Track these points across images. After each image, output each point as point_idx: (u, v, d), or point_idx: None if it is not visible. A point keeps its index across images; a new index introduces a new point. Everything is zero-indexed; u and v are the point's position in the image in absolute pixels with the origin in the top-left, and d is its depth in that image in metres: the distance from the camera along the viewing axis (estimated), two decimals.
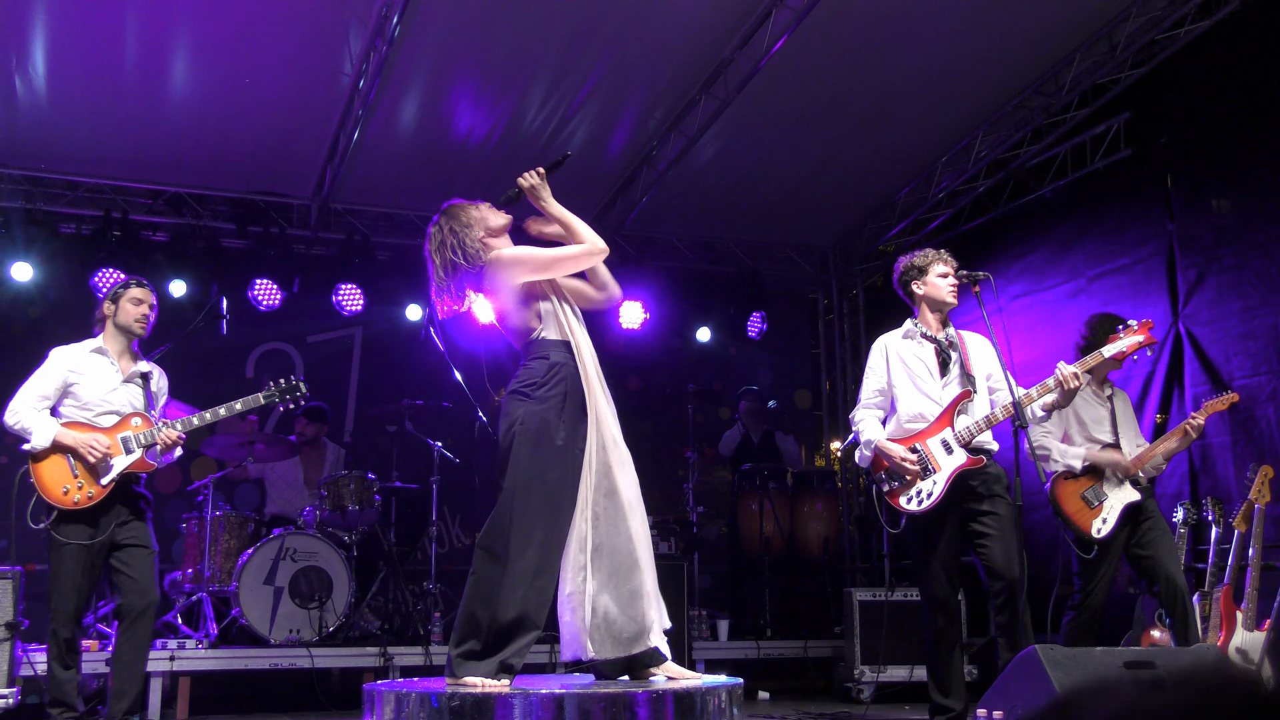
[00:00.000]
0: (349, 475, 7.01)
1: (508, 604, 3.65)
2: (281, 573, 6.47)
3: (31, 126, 7.14)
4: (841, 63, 6.97)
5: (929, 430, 4.64)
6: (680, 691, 3.52)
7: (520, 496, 3.73)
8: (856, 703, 6.89)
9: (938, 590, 4.64)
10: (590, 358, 3.94)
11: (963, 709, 4.64)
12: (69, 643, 4.74)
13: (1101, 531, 5.13)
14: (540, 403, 3.81)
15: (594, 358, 3.96)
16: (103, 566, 4.81)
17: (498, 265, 3.93)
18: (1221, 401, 5.44)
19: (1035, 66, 7.27)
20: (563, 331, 3.95)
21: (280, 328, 8.61)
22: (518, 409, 3.83)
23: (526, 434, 3.77)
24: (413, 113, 7.26)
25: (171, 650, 6.15)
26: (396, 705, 3.52)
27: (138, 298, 4.96)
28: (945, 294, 4.74)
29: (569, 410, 3.83)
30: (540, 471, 3.75)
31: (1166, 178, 7.01)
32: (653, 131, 7.70)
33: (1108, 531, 5.14)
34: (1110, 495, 5.19)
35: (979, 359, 4.76)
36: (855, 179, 8.53)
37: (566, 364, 3.89)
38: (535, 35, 6.59)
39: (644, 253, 9.09)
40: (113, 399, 4.84)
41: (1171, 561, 5.16)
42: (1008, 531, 4.48)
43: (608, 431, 3.88)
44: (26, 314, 7.68)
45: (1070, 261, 7.67)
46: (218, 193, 8.15)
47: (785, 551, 8.30)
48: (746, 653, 7.49)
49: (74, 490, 4.67)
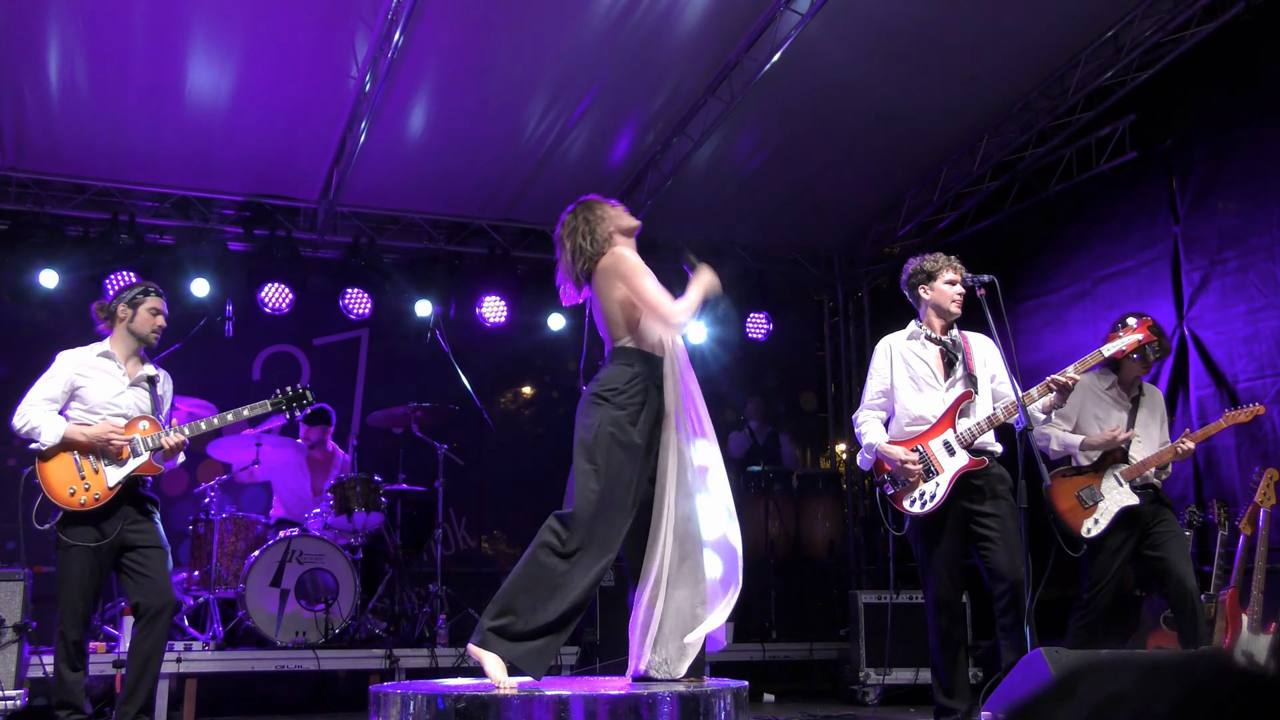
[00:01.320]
0: (355, 478, 7.03)
1: (559, 601, 3.69)
2: (288, 575, 6.49)
3: (40, 129, 7.17)
4: (847, 65, 6.98)
5: (931, 432, 4.65)
6: (685, 694, 3.53)
7: (597, 500, 3.76)
8: (862, 705, 6.89)
9: (942, 592, 4.65)
10: (675, 378, 3.99)
11: (967, 710, 4.64)
12: (77, 645, 4.75)
13: (1092, 532, 5.13)
14: (619, 409, 3.85)
15: (679, 381, 4.00)
16: (110, 568, 4.82)
17: (614, 261, 4.05)
18: (1245, 413, 5.29)
19: (1040, 69, 7.28)
20: (650, 345, 4.00)
21: (287, 331, 8.64)
22: (596, 412, 3.86)
23: (603, 438, 3.81)
24: (419, 116, 7.28)
25: (178, 652, 6.17)
26: (402, 707, 3.54)
27: (156, 308, 4.96)
28: (950, 303, 4.75)
29: (645, 419, 3.87)
30: (614, 478, 3.79)
31: (1172, 180, 7.01)
32: (658, 134, 7.72)
33: (1098, 533, 5.13)
34: (1107, 497, 5.17)
35: (982, 360, 4.77)
36: (861, 181, 8.54)
37: (647, 375, 3.93)
38: (540, 38, 6.61)
39: (649, 255, 9.04)
40: (119, 402, 4.85)
41: (1183, 564, 5.13)
42: (1011, 533, 4.48)
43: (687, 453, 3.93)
44: (35, 317, 7.71)
45: (1075, 264, 7.68)
46: (224, 195, 8.17)
47: (790, 553, 8.31)
48: (752, 655, 7.50)
49: (80, 492, 4.68)
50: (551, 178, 8.04)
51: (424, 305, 8.42)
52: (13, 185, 7.69)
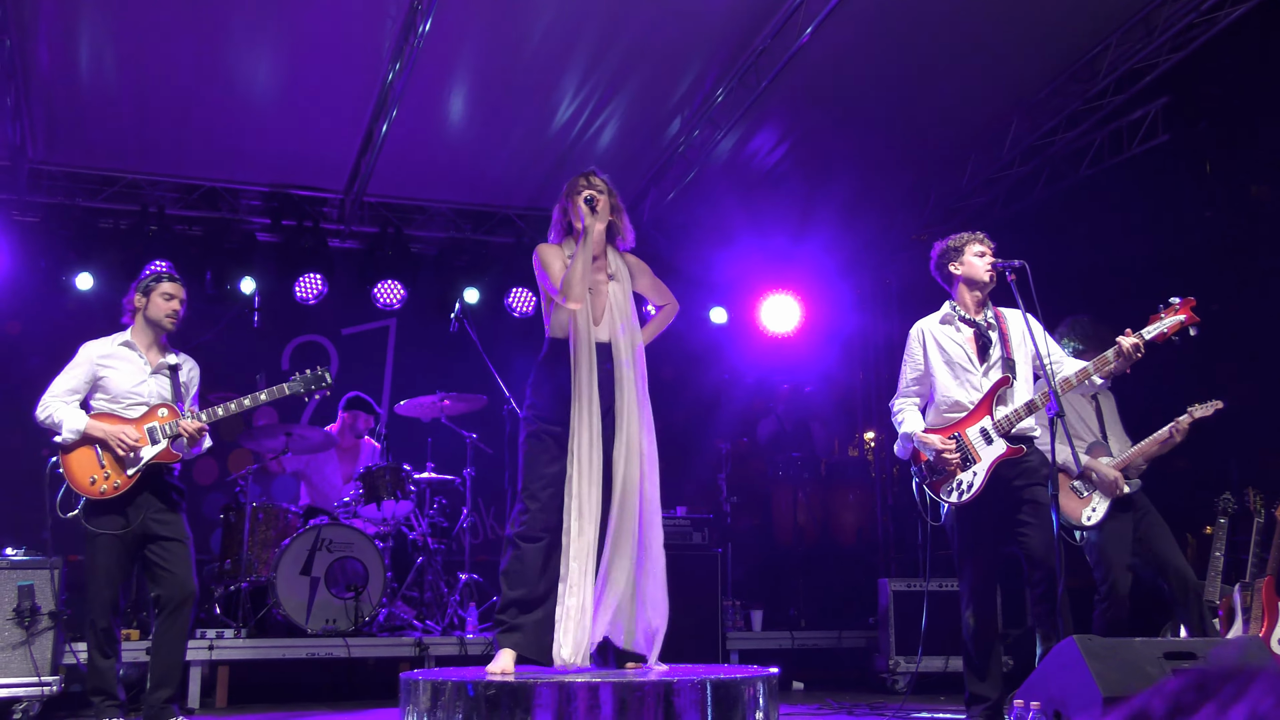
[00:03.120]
0: (384, 467, 7.06)
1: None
2: (318, 563, 6.52)
3: (70, 122, 7.22)
4: (873, 50, 6.92)
5: (968, 419, 4.61)
6: (717, 681, 3.52)
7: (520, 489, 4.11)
8: (891, 693, 6.87)
9: (977, 580, 4.61)
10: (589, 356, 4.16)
11: (999, 698, 4.61)
12: (106, 632, 4.80)
13: (1091, 519, 5.20)
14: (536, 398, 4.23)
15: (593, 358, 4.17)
16: (136, 557, 4.86)
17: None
18: (1207, 407, 5.42)
19: (1071, 51, 7.19)
20: (564, 330, 4.20)
21: (315, 321, 8.68)
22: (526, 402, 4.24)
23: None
24: (444, 105, 7.27)
25: (210, 640, 6.23)
26: (433, 694, 3.55)
27: (169, 292, 4.98)
28: (982, 272, 4.69)
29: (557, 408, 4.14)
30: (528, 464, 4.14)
31: (1205, 164, 6.92)
32: (684, 122, 7.68)
33: (1098, 520, 5.21)
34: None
35: (1019, 340, 4.70)
36: (887, 167, 8.48)
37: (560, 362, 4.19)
38: (567, 26, 6.58)
39: (676, 243, 9.07)
40: (141, 391, 4.89)
41: (1173, 553, 5.26)
42: (1047, 521, 4.44)
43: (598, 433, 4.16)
44: (66, 308, 7.77)
45: (1106, 249, 7.59)
46: (251, 186, 8.21)
47: (819, 542, 8.28)
48: (780, 643, 7.49)
49: (101, 480, 4.73)
50: (578, 165, 8.01)
51: (452, 295, 8.42)
52: (44, 178, 7.75)
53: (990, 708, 4.60)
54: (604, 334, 4.24)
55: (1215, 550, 5.50)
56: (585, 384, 4.08)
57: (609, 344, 4.22)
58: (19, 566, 5.68)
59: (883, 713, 5.76)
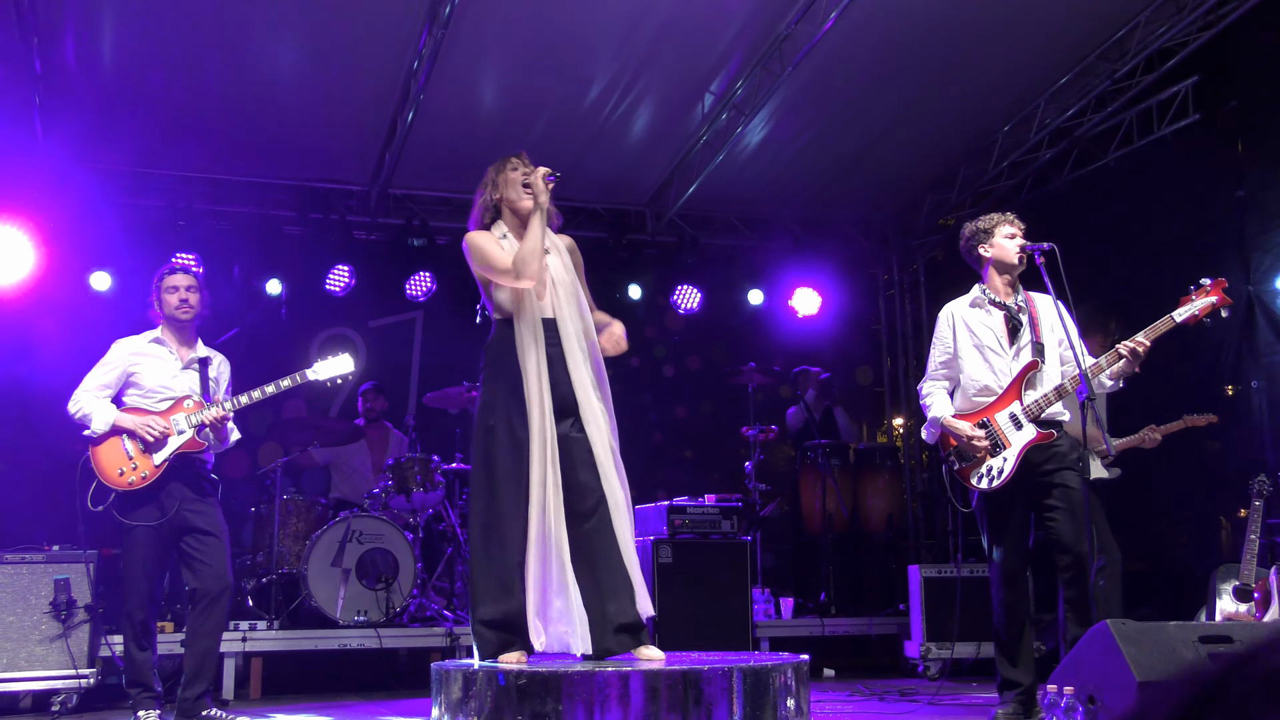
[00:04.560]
0: (413, 458, 7.09)
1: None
2: (349, 555, 6.56)
3: (99, 117, 7.26)
4: (899, 34, 6.86)
5: (997, 404, 4.57)
6: (747, 668, 3.52)
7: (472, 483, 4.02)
8: (922, 679, 6.84)
9: (1008, 566, 4.58)
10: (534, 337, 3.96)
11: (1031, 684, 4.59)
12: (144, 624, 4.84)
13: None
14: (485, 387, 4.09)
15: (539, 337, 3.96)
16: (172, 548, 4.90)
17: None
18: (1200, 419, 5.84)
19: (1099, 31, 7.11)
20: (509, 308, 4.05)
21: (342, 313, 8.72)
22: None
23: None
24: (469, 96, 7.27)
25: (243, 631, 6.28)
26: (464, 684, 3.56)
27: (172, 285, 5.00)
28: (1013, 254, 4.65)
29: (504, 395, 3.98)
30: (480, 458, 3.97)
31: (1237, 143, 6.83)
32: (709, 109, 7.65)
33: None
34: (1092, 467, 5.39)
35: (1049, 324, 4.65)
36: (914, 152, 8.42)
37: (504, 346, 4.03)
38: (591, 16, 6.57)
39: (702, 231, 9.05)
40: (172, 385, 4.93)
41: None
42: (1077, 505, 4.40)
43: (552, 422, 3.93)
44: (98, 305, 7.83)
45: (1136, 231, 7.51)
46: (278, 180, 8.25)
47: (848, 529, 8.25)
48: (810, 630, 7.47)
49: (129, 471, 4.78)
50: (602, 157, 8.02)
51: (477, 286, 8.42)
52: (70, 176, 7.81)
53: (1023, 693, 4.58)
54: (548, 310, 4.02)
55: (1250, 533, 5.44)
56: (534, 364, 3.90)
57: (554, 319, 4.01)
58: (55, 561, 5.75)
59: (915, 699, 5.74)
